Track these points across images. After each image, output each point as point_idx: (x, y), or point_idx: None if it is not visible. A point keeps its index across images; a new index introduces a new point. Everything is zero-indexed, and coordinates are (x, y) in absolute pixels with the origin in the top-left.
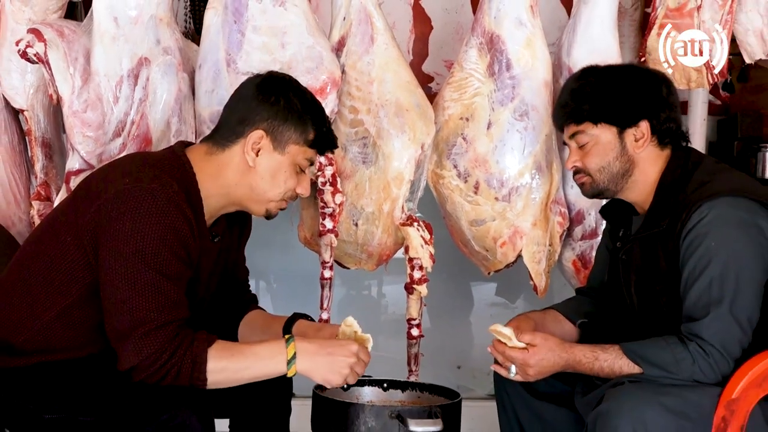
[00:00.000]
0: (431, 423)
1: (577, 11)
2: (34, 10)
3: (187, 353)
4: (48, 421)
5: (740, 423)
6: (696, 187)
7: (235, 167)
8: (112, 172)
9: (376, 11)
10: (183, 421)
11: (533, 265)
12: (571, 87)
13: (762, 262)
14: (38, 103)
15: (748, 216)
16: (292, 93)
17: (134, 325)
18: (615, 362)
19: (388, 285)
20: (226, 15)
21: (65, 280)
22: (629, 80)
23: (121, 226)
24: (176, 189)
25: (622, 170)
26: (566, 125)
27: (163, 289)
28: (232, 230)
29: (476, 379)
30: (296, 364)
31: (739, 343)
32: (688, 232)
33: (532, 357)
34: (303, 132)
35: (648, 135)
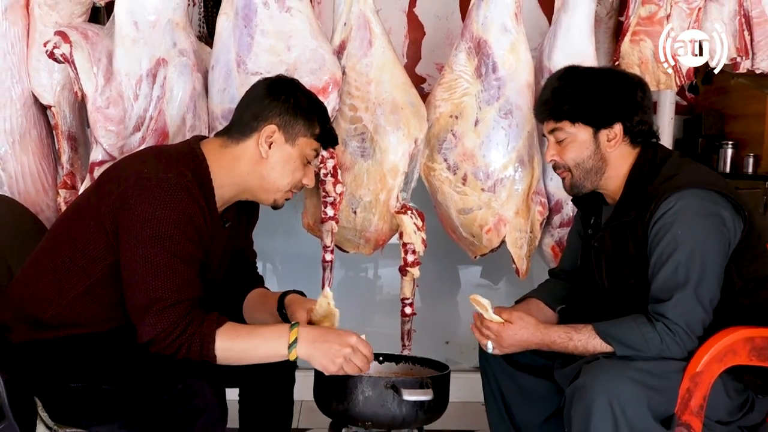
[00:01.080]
0: (422, 393)
1: (558, 19)
2: (61, 14)
3: (196, 332)
4: (73, 389)
5: (703, 393)
6: (663, 180)
7: (249, 158)
8: (132, 163)
9: (374, 17)
10: (196, 390)
11: (515, 250)
12: (553, 86)
13: (723, 249)
14: (64, 99)
15: (712, 206)
16: (299, 93)
17: (151, 303)
18: (588, 342)
19: (383, 268)
20: (236, 20)
21: (88, 261)
22: (607, 84)
23: (140, 211)
24: (190, 178)
25: (595, 167)
26: (546, 121)
27: (178, 269)
28: (240, 217)
29: (463, 353)
30: (296, 348)
31: (701, 322)
32: (656, 221)
33: (506, 331)
34: (311, 126)
35: (620, 136)
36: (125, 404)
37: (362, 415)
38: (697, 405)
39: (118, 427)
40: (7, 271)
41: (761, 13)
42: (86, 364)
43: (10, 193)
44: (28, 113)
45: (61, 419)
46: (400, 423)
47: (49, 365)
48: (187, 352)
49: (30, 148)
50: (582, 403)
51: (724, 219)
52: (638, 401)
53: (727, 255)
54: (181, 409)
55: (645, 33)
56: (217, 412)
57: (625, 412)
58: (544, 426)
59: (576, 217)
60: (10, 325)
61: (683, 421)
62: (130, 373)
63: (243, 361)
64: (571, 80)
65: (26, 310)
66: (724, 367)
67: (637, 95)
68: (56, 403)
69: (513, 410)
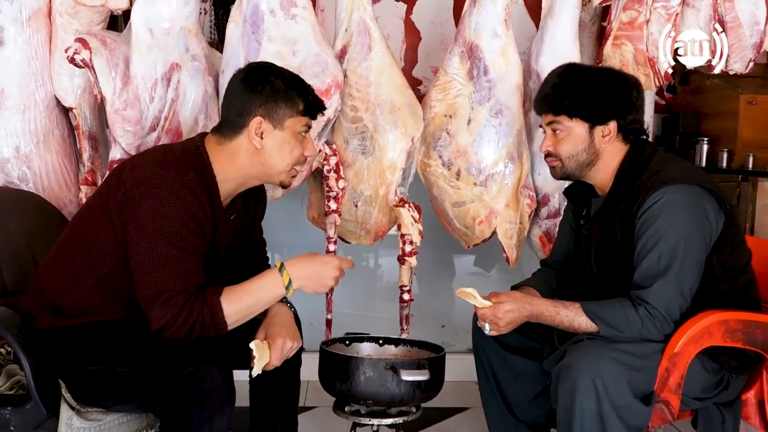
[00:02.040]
0: (420, 373)
1: (544, 24)
2: (81, 23)
3: (204, 307)
4: (92, 372)
5: (681, 372)
6: (651, 174)
7: (245, 152)
8: (138, 161)
9: (373, 24)
10: (205, 373)
11: (506, 240)
12: (554, 81)
13: (705, 241)
14: (85, 102)
15: (696, 200)
16: (272, 76)
17: (159, 292)
18: (575, 318)
19: (383, 257)
20: (245, 27)
21: (101, 253)
22: (606, 83)
23: (144, 208)
24: (191, 176)
25: (587, 160)
26: (545, 114)
27: (182, 261)
28: (247, 208)
29: (457, 336)
30: (292, 286)
31: (679, 308)
32: (643, 213)
33: (499, 310)
34: (293, 105)
35: (614, 133)
36: (140, 385)
37: (363, 394)
38: (675, 383)
39: (135, 406)
40: (33, 262)
41: (734, 18)
42: (104, 349)
43: (35, 189)
44: (51, 115)
45: (83, 399)
46: (399, 401)
47: (70, 350)
48: (201, 329)
49: (53, 148)
50: (567, 381)
51: (707, 212)
52: (619, 379)
53: (708, 246)
54: (191, 390)
55: (626, 37)
56: (225, 392)
57: (607, 389)
58: (533, 402)
59: (567, 209)
60: (35, 312)
61: (662, 398)
62: (144, 357)
63: (250, 317)
64: (572, 77)
65: (48, 298)
66: (700, 348)
67: (633, 95)
68: (78, 384)
69: (504, 389)
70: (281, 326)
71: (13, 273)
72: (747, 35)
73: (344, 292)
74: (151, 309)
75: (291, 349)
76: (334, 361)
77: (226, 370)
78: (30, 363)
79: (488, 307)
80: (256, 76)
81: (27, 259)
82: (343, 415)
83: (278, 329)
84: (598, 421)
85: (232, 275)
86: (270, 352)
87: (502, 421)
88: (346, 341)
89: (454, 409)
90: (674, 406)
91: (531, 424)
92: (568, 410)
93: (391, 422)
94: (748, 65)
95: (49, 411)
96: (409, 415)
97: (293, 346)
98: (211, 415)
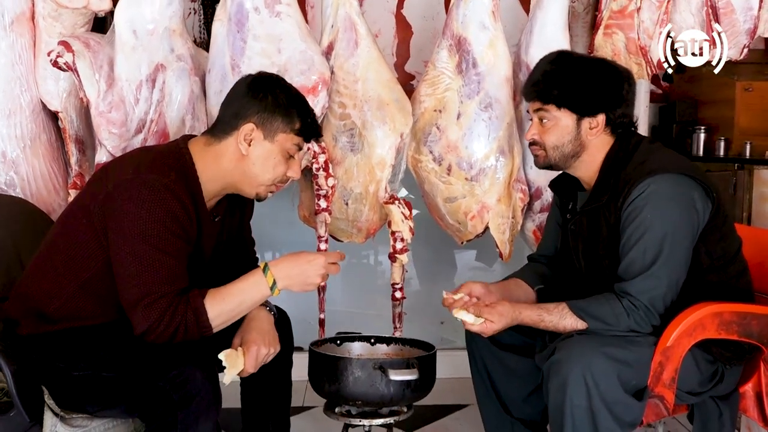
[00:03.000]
0: (408, 372)
1: (533, 15)
2: (64, 25)
3: (187, 310)
4: (76, 377)
5: (674, 366)
6: (635, 165)
7: (230, 156)
8: (118, 164)
9: (359, 19)
10: (188, 377)
11: (498, 235)
12: (545, 68)
13: (692, 231)
14: (71, 105)
15: (682, 189)
16: (278, 89)
17: (141, 296)
18: (560, 322)
19: (382, 254)
20: (230, 25)
21: (83, 257)
22: (597, 75)
23: (125, 211)
24: (173, 178)
25: (573, 151)
26: (533, 101)
27: (165, 264)
28: (233, 209)
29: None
30: (277, 287)
31: (663, 299)
32: (628, 205)
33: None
34: (290, 122)
35: (602, 126)
36: (125, 390)
37: (353, 395)
38: (669, 378)
39: (120, 411)
40: (21, 268)
41: (727, 4)
42: (87, 354)
43: (23, 194)
44: (37, 119)
45: (67, 406)
46: (389, 401)
47: (54, 356)
48: (185, 333)
49: (40, 152)
50: (557, 377)
51: (694, 201)
52: (610, 374)
53: (695, 236)
54: (175, 394)
55: (617, 26)
56: (210, 395)
57: (597, 384)
58: (528, 400)
59: (553, 203)
60: (18, 319)
61: (656, 393)
62: (128, 362)
63: (236, 319)
64: (563, 66)
65: (32, 304)
66: (693, 341)
67: (624, 89)
68: (61, 390)
69: (498, 387)
70: (257, 332)
71: (0, 279)
72: (740, 21)
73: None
74: (133, 313)
75: (267, 355)
76: (322, 361)
77: (211, 374)
78: (11, 370)
79: (478, 326)
80: (263, 84)
81: (14, 265)
82: (333, 416)
83: (253, 336)
84: (589, 416)
85: (221, 277)
86: (244, 359)
87: (497, 420)
88: (337, 341)
89: (453, 407)
90: (669, 400)
91: (526, 422)
92: (559, 406)
93: (383, 422)
94: (743, 51)
95: (32, 418)
96: (401, 415)
97: (269, 352)
98: (195, 418)
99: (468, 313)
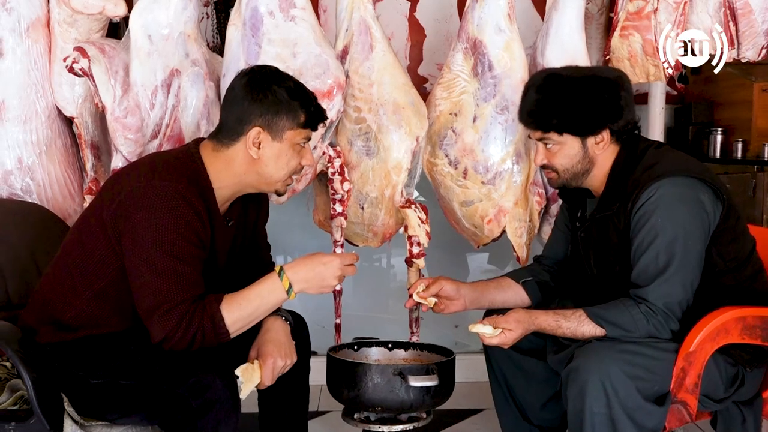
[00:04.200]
0: (428, 378)
1: (549, 17)
2: (80, 31)
3: (204, 317)
4: (95, 385)
5: (697, 372)
6: (643, 170)
7: (242, 161)
8: (131, 171)
9: (374, 23)
10: (208, 384)
11: (516, 239)
12: (536, 97)
13: (703, 233)
14: (86, 111)
15: (691, 192)
16: (276, 85)
17: (157, 304)
18: (578, 328)
19: (395, 257)
20: (244, 30)
21: (98, 265)
22: (591, 93)
23: (139, 219)
24: (185, 184)
25: (583, 169)
26: (533, 131)
27: (180, 271)
28: (248, 213)
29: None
30: (294, 290)
31: (679, 304)
32: (638, 210)
33: (506, 339)
34: (295, 118)
35: (608, 140)
36: (144, 398)
37: (372, 401)
38: (691, 383)
39: (139, 419)
40: (38, 274)
41: (745, 4)
42: (106, 362)
43: (39, 200)
44: (52, 125)
45: (87, 413)
46: (409, 407)
47: (72, 364)
48: (202, 339)
49: (56, 158)
50: (576, 384)
51: (703, 204)
52: (629, 381)
53: (706, 239)
54: (195, 402)
55: (633, 27)
56: (229, 403)
57: (617, 392)
58: (547, 406)
59: (562, 208)
60: (36, 327)
61: (679, 398)
62: (146, 369)
63: (254, 323)
64: (555, 90)
65: (49, 312)
66: (717, 346)
67: (620, 98)
68: (81, 398)
69: (517, 394)
70: (273, 344)
71: (17, 286)
72: (759, 21)
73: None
74: (150, 322)
75: (284, 367)
76: (341, 367)
77: (230, 381)
78: (31, 378)
79: (496, 337)
80: (260, 83)
81: (31, 272)
82: (352, 422)
83: (270, 348)
84: (610, 424)
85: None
86: (261, 372)
87: (516, 427)
88: (355, 346)
89: (469, 411)
90: (692, 406)
91: (545, 429)
92: (578, 414)
93: (402, 429)
94: (761, 52)
95: (52, 426)
96: (420, 421)
97: (285, 364)
98: (215, 426)
99: (485, 326)
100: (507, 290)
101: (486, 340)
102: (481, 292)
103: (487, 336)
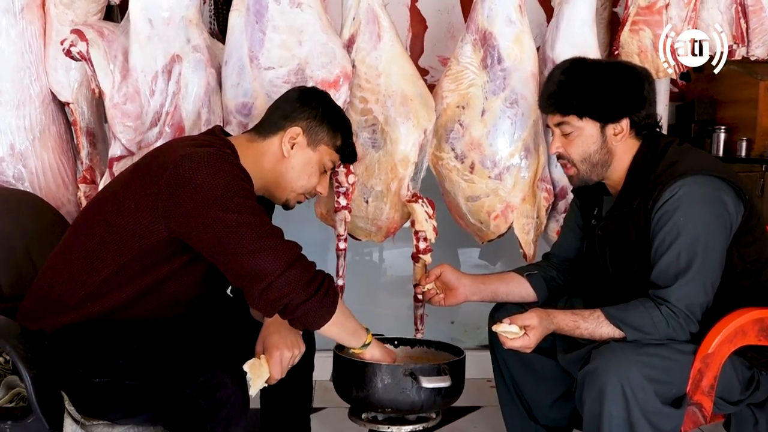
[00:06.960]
0: (441, 379)
1: (560, 10)
2: (76, 13)
3: (330, 288)
4: (96, 384)
5: (714, 374)
6: (665, 167)
7: (271, 155)
8: (169, 148)
9: (382, 12)
10: (218, 382)
11: (523, 236)
12: (560, 79)
13: (725, 234)
14: (82, 96)
15: (714, 192)
16: (329, 105)
17: (277, 266)
18: (596, 329)
19: (386, 250)
20: (248, 16)
21: (124, 239)
22: (616, 79)
23: (197, 182)
24: (229, 152)
25: (601, 160)
26: (552, 114)
27: (272, 231)
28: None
29: (467, 332)
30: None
31: (700, 305)
32: (659, 208)
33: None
34: (334, 137)
35: (627, 130)
36: (149, 398)
37: (381, 402)
38: (708, 385)
39: (144, 419)
40: (32, 265)
41: (756, 1)
42: (107, 360)
43: (32, 188)
44: (46, 110)
45: (88, 412)
46: (419, 408)
47: (73, 359)
48: (323, 298)
49: (50, 145)
50: (594, 387)
51: (725, 204)
52: (648, 384)
53: (728, 239)
54: (204, 402)
55: (644, 22)
56: (239, 402)
57: (636, 395)
58: (554, 405)
59: (572, 206)
60: (37, 316)
61: (695, 400)
62: (151, 368)
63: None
64: (579, 74)
65: (53, 296)
66: (734, 348)
67: (644, 89)
68: (82, 397)
69: (524, 392)
70: (278, 335)
71: (10, 277)
72: None
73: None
74: (272, 283)
75: (292, 358)
76: (349, 367)
77: (239, 378)
78: (31, 375)
79: (519, 339)
80: (315, 96)
81: (24, 262)
82: (359, 422)
83: (275, 339)
84: (628, 427)
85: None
86: (269, 366)
87: (522, 426)
88: None
89: (467, 408)
90: (707, 408)
91: (552, 428)
92: (596, 417)
93: (411, 429)
94: None
95: (51, 425)
96: (429, 421)
97: (293, 354)
98: (225, 427)
99: (509, 325)
100: (510, 282)
101: (508, 343)
102: (483, 283)
103: (510, 337)
